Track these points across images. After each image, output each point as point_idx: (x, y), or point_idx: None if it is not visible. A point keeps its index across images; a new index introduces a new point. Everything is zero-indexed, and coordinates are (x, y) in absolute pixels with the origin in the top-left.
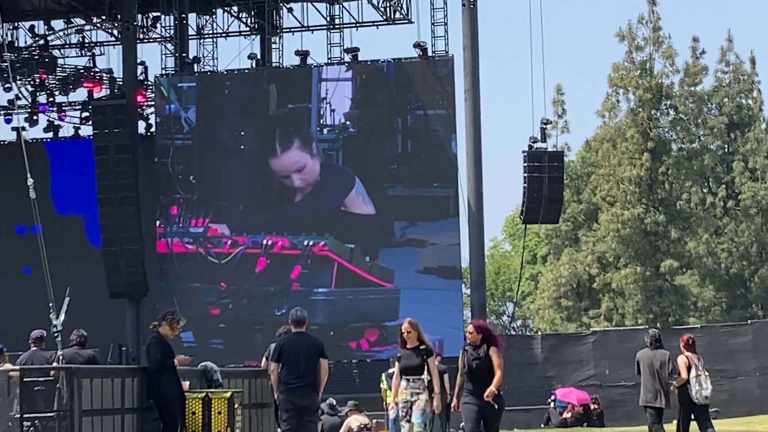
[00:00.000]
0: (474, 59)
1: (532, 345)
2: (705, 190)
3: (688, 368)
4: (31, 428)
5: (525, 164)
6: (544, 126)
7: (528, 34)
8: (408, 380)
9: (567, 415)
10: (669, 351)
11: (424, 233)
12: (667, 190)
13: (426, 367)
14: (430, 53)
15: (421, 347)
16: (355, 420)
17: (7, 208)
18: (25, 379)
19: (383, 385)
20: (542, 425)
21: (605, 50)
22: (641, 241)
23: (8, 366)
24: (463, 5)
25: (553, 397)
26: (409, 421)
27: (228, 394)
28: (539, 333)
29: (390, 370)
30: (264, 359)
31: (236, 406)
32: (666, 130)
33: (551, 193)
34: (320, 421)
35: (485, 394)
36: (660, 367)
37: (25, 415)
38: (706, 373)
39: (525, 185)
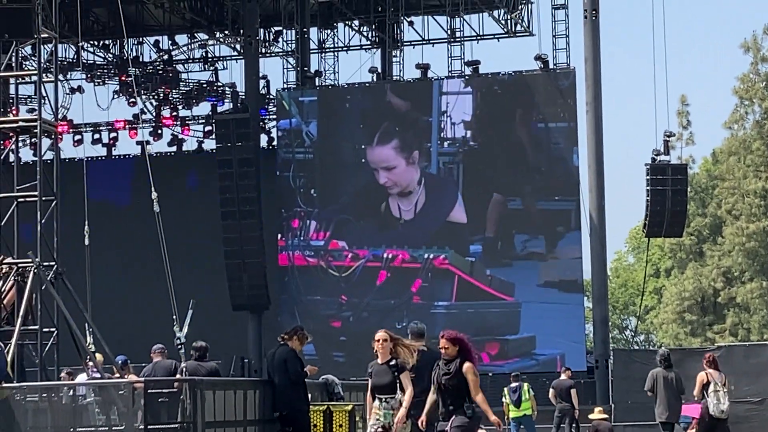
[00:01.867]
0: (596, 71)
1: (656, 360)
2: None
3: (707, 384)
4: None
5: (648, 177)
6: (668, 138)
7: (651, 44)
8: (381, 399)
9: (691, 431)
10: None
11: (545, 246)
12: None
13: (399, 384)
14: (551, 66)
15: (392, 362)
16: None
17: (133, 222)
18: (149, 391)
19: (506, 400)
20: None
21: (729, 61)
22: (767, 255)
23: (133, 377)
24: (585, 17)
25: None
26: None
27: (349, 407)
28: (663, 347)
29: (512, 384)
30: None
31: (357, 419)
32: None
33: (675, 206)
34: None
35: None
36: (674, 385)
37: (149, 426)
38: (725, 390)
39: (648, 198)
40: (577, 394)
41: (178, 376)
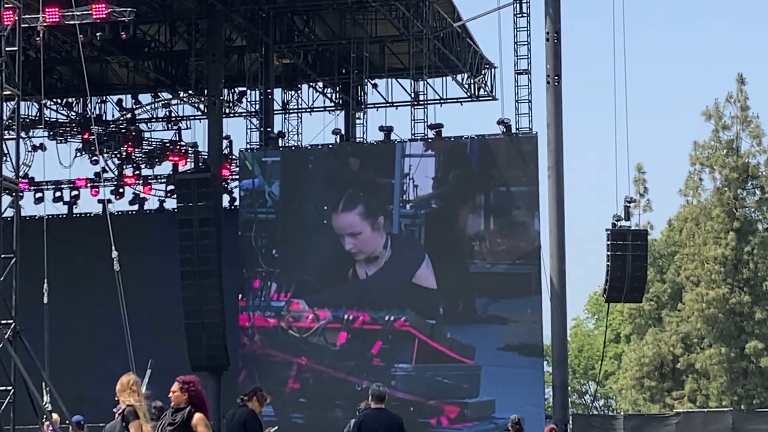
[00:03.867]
0: (558, 136)
1: (615, 425)
2: None
3: None
4: None
5: (608, 242)
6: (628, 204)
7: (612, 109)
8: None
9: None
10: None
11: (505, 310)
12: (753, 270)
13: None
14: (513, 130)
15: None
16: None
17: (93, 280)
18: None
19: None
20: None
21: (687, 129)
22: (726, 322)
23: None
24: (548, 82)
25: None
26: None
27: None
28: (622, 413)
29: None
30: None
31: None
32: (752, 210)
33: (635, 272)
34: None
35: None
36: None
37: None
38: None
39: (608, 264)
40: None
41: None
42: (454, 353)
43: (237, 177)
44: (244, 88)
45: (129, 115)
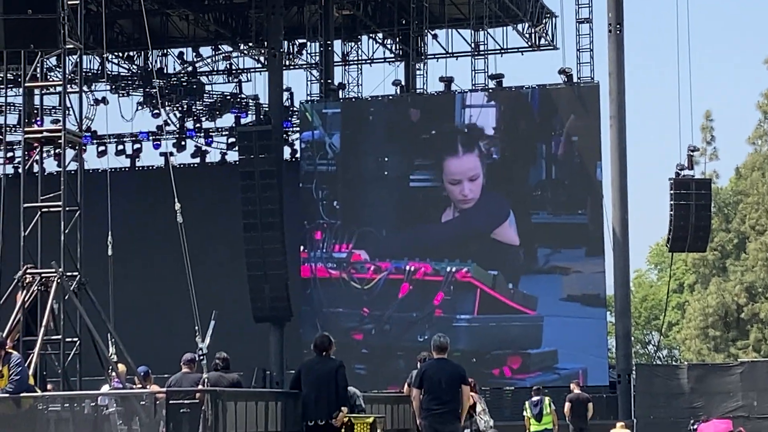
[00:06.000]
0: (620, 85)
1: (678, 375)
2: None
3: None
4: None
5: (672, 192)
6: (692, 153)
7: (675, 58)
8: None
9: None
10: None
11: (568, 260)
12: None
13: None
14: (575, 80)
15: None
16: None
17: (155, 233)
18: (171, 402)
19: (527, 413)
20: None
21: (753, 76)
22: None
23: (155, 388)
24: (609, 31)
25: (694, 429)
26: None
27: (370, 420)
28: (686, 363)
29: (534, 398)
30: (406, 385)
31: (378, 431)
32: None
33: (698, 222)
34: None
35: None
36: None
37: None
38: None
39: (672, 213)
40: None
41: (200, 387)
42: (517, 304)
43: (298, 129)
44: (304, 40)
45: (190, 68)
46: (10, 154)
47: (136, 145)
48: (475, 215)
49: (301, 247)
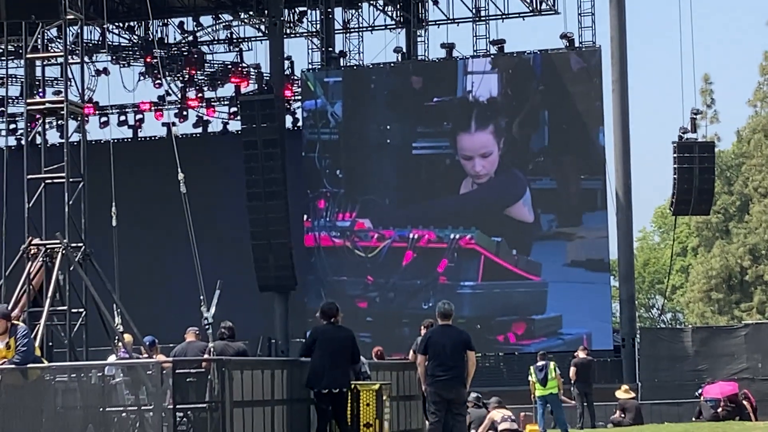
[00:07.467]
0: (621, 49)
1: (683, 338)
2: None
3: None
4: (184, 419)
5: (675, 155)
6: (694, 116)
7: (677, 22)
8: None
9: (719, 410)
10: None
11: (571, 226)
12: None
13: None
14: (577, 44)
15: None
16: (498, 412)
17: (159, 203)
18: (177, 371)
19: (532, 378)
20: (693, 419)
21: (755, 38)
22: None
23: (162, 357)
24: None
25: (700, 392)
26: None
27: (376, 387)
28: (690, 326)
29: (539, 363)
30: (411, 352)
31: (384, 398)
32: None
33: (702, 185)
34: (468, 414)
35: None
36: None
37: (177, 406)
38: None
39: (675, 176)
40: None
41: (206, 356)
42: (520, 270)
43: (299, 98)
44: (305, 8)
45: (191, 38)
46: (12, 126)
47: (138, 116)
48: (488, 190)
49: (305, 216)
